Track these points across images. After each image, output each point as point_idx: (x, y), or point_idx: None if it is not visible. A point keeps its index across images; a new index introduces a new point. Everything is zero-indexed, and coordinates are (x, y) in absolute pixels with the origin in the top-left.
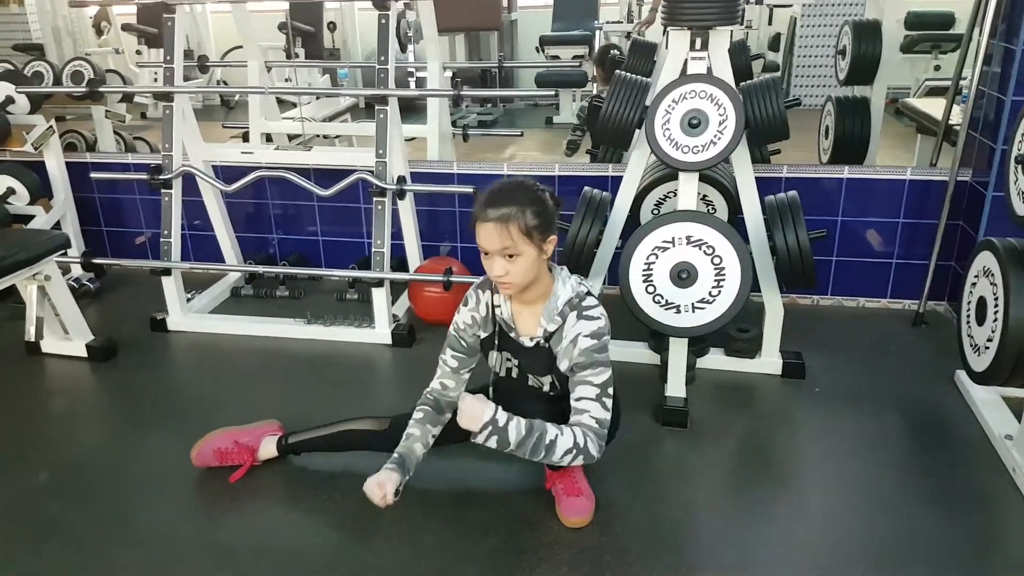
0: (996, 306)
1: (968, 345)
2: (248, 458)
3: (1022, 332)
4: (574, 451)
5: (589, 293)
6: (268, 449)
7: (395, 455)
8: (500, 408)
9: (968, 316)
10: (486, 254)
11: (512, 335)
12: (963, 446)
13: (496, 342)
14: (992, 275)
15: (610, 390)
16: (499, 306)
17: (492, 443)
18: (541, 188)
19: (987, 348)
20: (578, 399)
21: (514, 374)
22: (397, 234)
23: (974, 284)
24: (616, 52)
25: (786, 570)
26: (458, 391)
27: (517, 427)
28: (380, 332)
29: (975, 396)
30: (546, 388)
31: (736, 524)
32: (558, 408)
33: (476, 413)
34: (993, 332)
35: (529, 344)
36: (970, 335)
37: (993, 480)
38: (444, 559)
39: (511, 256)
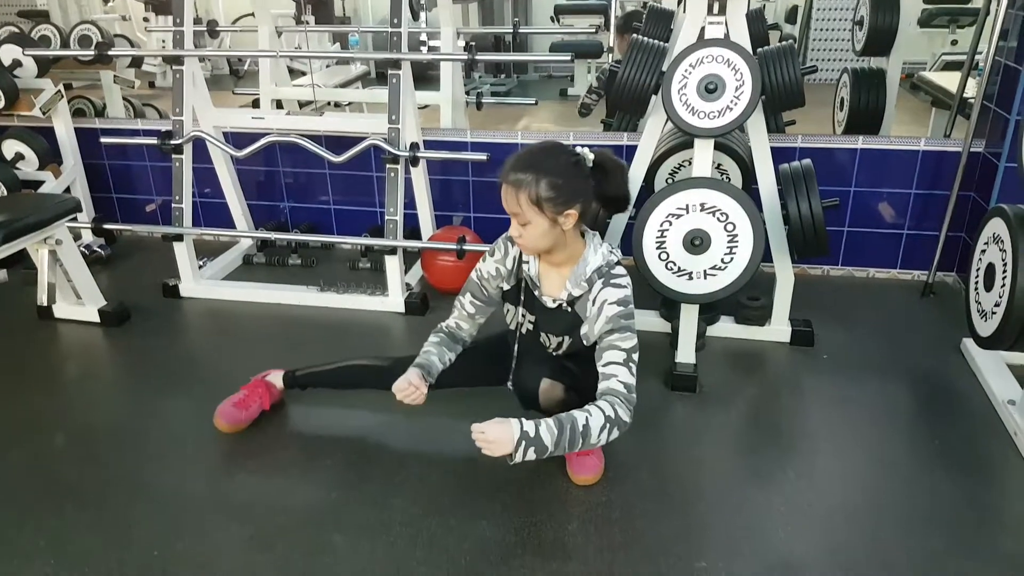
0: (1004, 272)
1: (976, 311)
2: (264, 392)
3: None
4: (607, 426)
5: (619, 262)
6: (275, 382)
7: (415, 363)
8: (520, 420)
9: (976, 282)
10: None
11: (536, 293)
12: (968, 412)
13: (521, 297)
14: (1002, 241)
15: (635, 356)
16: (527, 262)
17: (531, 455)
18: (576, 157)
19: (994, 313)
20: (606, 364)
21: (525, 330)
22: (410, 203)
23: (984, 251)
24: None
25: (791, 530)
26: (471, 333)
27: (548, 429)
28: (393, 300)
29: (980, 363)
30: (551, 347)
31: (743, 484)
32: (560, 364)
33: (503, 435)
34: (1001, 298)
35: (551, 305)
36: (978, 301)
37: (996, 444)
38: (458, 516)
39: (523, 223)
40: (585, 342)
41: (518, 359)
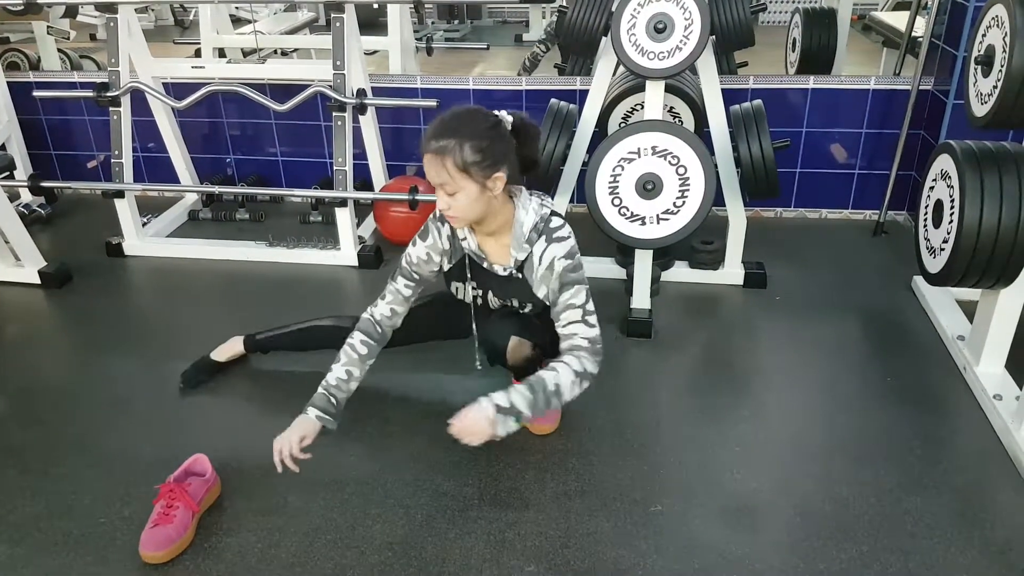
0: (952, 208)
1: (924, 248)
2: (182, 492)
3: (975, 233)
4: (578, 380)
5: (554, 213)
6: (235, 348)
7: (330, 398)
8: (490, 396)
9: (925, 219)
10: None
11: (484, 265)
12: (918, 348)
13: (467, 274)
14: (949, 178)
15: (590, 306)
16: (464, 239)
17: (512, 425)
18: (495, 119)
19: (942, 250)
20: (565, 324)
21: (479, 302)
22: (361, 155)
23: (932, 187)
24: None
25: (747, 468)
26: (404, 313)
27: (520, 394)
28: (346, 254)
29: (930, 300)
30: (515, 304)
31: (698, 426)
32: (528, 320)
33: (479, 421)
34: (948, 234)
35: (503, 273)
36: (927, 238)
37: (945, 379)
38: (413, 470)
39: (451, 192)
40: (548, 304)
41: (480, 320)
